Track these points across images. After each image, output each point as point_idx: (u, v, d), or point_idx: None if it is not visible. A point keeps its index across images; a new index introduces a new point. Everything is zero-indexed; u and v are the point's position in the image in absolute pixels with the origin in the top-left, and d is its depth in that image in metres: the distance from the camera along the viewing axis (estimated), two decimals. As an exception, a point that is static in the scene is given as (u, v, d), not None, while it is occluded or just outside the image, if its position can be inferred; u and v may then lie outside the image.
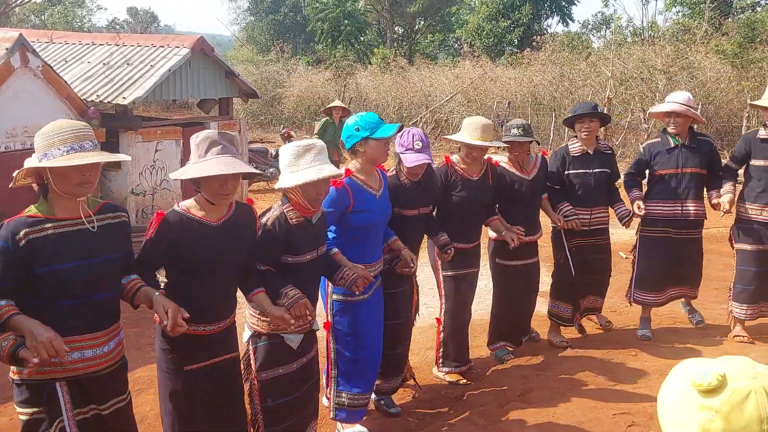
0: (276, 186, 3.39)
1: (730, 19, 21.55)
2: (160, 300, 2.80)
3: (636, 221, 5.40)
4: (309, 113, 23.74)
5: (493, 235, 5.03)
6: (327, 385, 4.10)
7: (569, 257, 5.21)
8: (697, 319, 5.61)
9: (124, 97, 10.48)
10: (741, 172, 5.30)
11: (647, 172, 5.34)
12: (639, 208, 5.11)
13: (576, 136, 5.23)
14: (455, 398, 4.68)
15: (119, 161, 3.42)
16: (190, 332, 2.98)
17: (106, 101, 10.66)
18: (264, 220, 3.32)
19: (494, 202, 4.91)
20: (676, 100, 5.18)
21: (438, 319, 4.76)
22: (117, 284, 2.87)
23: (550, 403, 4.36)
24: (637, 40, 24.68)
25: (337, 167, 4.01)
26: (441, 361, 4.86)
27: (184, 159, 11.28)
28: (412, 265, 4.08)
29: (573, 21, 34.36)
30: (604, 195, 5.20)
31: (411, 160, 4.08)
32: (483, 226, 4.87)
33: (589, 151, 5.15)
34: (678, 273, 5.32)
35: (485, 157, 4.81)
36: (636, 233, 5.45)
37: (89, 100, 10.56)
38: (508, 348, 5.23)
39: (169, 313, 2.72)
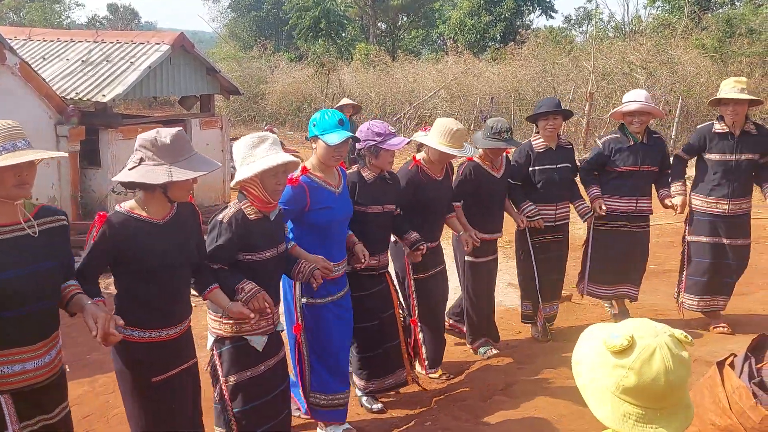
0: (232, 183, 3.31)
1: (709, 14, 21.71)
2: (90, 309, 2.64)
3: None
4: (292, 109, 23.66)
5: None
6: (301, 387, 4.02)
7: (532, 254, 5.25)
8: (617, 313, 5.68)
9: (103, 95, 10.39)
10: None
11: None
12: (601, 208, 5.20)
13: (538, 132, 5.26)
14: (439, 393, 4.70)
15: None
16: (151, 340, 2.95)
17: (85, 99, 10.56)
18: (220, 217, 3.25)
19: (454, 199, 4.91)
20: (638, 98, 5.24)
21: (413, 321, 4.69)
22: (58, 292, 2.74)
23: (532, 396, 4.39)
24: (618, 35, 24.85)
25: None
26: (426, 362, 4.80)
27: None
28: (363, 260, 4.00)
29: (555, 14, 34.50)
30: (567, 190, 5.29)
31: (396, 142, 4.03)
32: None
33: (552, 147, 5.21)
34: (627, 268, 5.42)
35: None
36: (588, 227, 5.49)
37: (68, 97, 10.45)
38: (491, 342, 5.24)
39: (98, 323, 2.57)
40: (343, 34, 34.53)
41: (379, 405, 4.46)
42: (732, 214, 5.13)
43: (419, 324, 4.67)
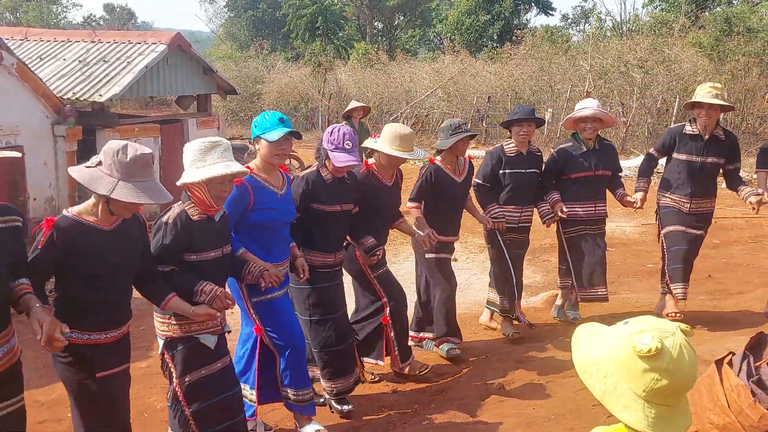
0: (178, 182, 3.30)
1: (707, 13, 21.76)
2: (37, 313, 2.65)
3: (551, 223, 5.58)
4: (289, 109, 23.65)
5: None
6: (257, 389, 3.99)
7: (504, 251, 5.36)
8: (574, 315, 5.72)
9: (100, 95, 10.37)
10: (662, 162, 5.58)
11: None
12: (562, 211, 5.33)
13: (511, 138, 5.39)
14: (436, 392, 4.70)
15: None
16: (88, 342, 2.95)
17: (82, 99, 10.55)
18: (165, 218, 3.27)
19: (413, 200, 5.00)
20: (591, 106, 5.43)
21: (384, 319, 4.70)
22: (8, 290, 2.74)
23: (529, 395, 4.39)
24: (616, 33, 24.88)
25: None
26: (399, 358, 4.81)
27: (163, 156, 11.20)
28: (302, 275, 4.00)
29: (553, 13, 34.55)
30: (532, 195, 5.44)
31: (341, 159, 4.06)
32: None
33: (523, 152, 5.36)
34: (599, 269, 5.51)
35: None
36: (558, 238, 5.62)
37: (65, 97, 10.43)
38: (455, 342, 5.23)
39: (44, 328, 2.58)
40: (340, 34, 34.50)
41: (350, 405, 4.41)
42: (693, 213, 5.32)
43: (389, 322, 4.69)
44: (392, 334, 4.72)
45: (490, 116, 19.43)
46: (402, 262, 7.86)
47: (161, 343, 3.42)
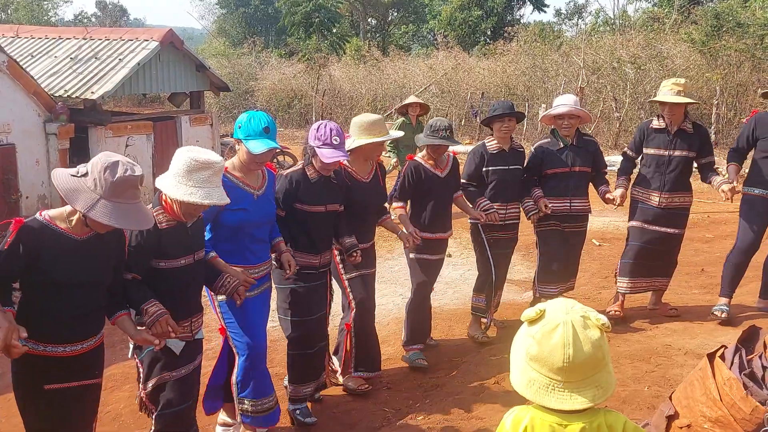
0: (156, 183, 3.17)
1: (699, 8, 21.78)
2: None
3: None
4: (282, 106, 23.61)
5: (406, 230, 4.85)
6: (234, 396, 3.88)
7: (488, 249, 5.32)
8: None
9: (92, 92, 10.34)
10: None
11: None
12: (546, 206, 5.30)
13: (492, 135, 5.36)
14: (431, 388, 4.71)
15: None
16: (46, 354, 2.79)
17: (74, 96, 10.51)
18: None
19: (397, 199, 4.95)
20: (567, 102, 5.44)
21: (348, 325, 4.55)
22: None
23: (524, 390, 4.40)
24: (608, 29, 24.89)
25: None
26: (353, 366, 4.63)
27: (156, 154, 11.17)
28: (288, 270, 3.90)
29: (546, 10, 34.55)
30: (517, 191, 5.40)
31: (328, 155, 3.94)
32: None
33: (505, 149, 5.32)
34: (567, 267, 5.55)
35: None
36: (534, 230, 5.59)
37: (57, 95, 10.39)
38: (419, 349, 5.12)
39: (0, 334, 2.47)
40: (334, 30, 34.45)
41: (313, 418, 4.28)
42: (663, 207, 5.34)
43: (352, 327, 4.55)
44: (351, 341, 4.56)
45: (484, 112, 19.45)
46: (398, 257, 7.87)
47: (131, 347, 3.36)
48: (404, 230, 4.75)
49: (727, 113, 16.92)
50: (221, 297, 3.69)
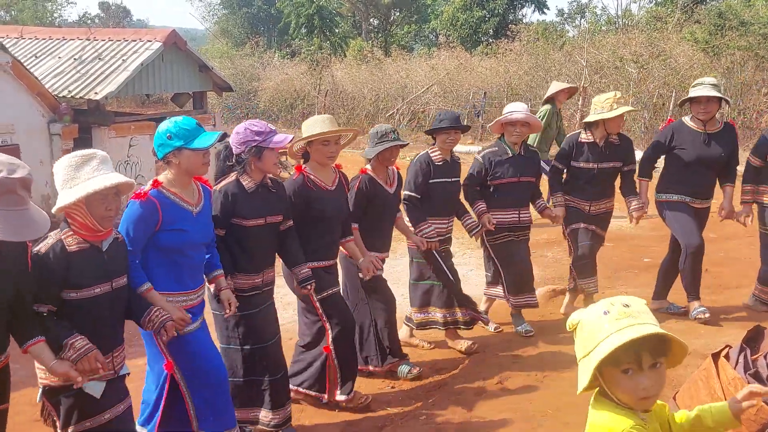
0: (53, 210, 2.84)
1: (702, 6, 21.74)
2: None
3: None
4: (284, 106, 23.61)
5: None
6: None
7: (441, 263, 5.06)
8: (526, 329, 5.47)
9: (96, 93, 10.36)
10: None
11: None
12: (490, 222, 5.20)
13: (435, 145, 5.14)
14: (433, 388, 4.70)
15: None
16: None
17: (77, 97, 10.53)
18: (37, 248, 2.77)
19: (352, 219, 4.53)
20: (520, 110, 5.35)
21: (327, 348, 4.26)
22: None
23: (526, 390, 4.41)
24: (611, 28, 24.86)
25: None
26: (340, 386, 4.35)
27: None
28: (228, 310, 3.61)
29: (548, 10, 34.52)
30: (456, 204, 5.28)
31: (279, 139, 3.68)
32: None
33: (448, 160, 5.15)
34: (527, 276, 5.51)
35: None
36: (484, 243, 5.43)
37: (61, 95, 10.41)
38: (407, 361, 4.90)
39: None
40: (337, 30, 34.46)
41: None
42: (593, 213, 5.52)
43: (332, 349, 4.26)
44: (335, 362, 4.27)
45: (486, 112, 19.42)
46: (398, 258, 7.86)
47: (40, 391, 2.94)
48: (363, 258, 4.43)
49: (730, 113, 16.89)
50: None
